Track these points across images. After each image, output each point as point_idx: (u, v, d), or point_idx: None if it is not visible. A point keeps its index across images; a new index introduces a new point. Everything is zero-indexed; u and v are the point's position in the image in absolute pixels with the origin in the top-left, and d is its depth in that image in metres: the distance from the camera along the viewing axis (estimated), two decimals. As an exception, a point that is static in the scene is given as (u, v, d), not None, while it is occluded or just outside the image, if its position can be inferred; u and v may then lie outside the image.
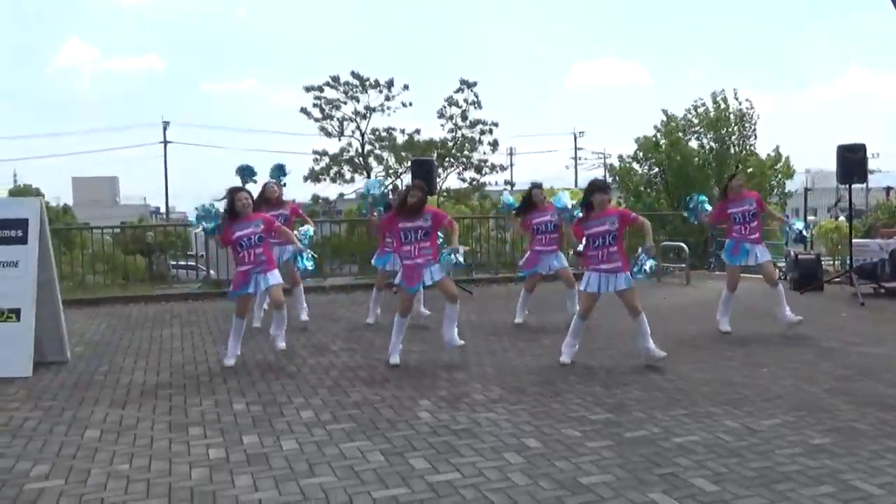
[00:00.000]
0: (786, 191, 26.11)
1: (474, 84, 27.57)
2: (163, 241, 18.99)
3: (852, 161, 11.41)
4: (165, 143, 49.67)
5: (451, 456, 4.45)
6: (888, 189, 29.70)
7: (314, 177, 28.57)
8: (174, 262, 19.16)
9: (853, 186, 12.14)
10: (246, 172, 10.66)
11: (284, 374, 6.66)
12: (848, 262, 11.87)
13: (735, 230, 8.27)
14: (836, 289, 11.46)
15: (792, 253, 12.64)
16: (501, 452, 4.50)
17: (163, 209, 55.59)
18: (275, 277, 7.11)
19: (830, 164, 11.68)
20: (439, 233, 7.27)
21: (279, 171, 10.16)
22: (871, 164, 44.74)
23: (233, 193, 7.09)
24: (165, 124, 49.78)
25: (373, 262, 9.69)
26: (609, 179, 28.86)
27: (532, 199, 8.91)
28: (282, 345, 7.17)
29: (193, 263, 20.30)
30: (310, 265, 7.59)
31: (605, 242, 6.69)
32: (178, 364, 7.19)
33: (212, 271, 14.99)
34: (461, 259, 6.91)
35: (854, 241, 11.90)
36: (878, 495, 3.79)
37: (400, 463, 4.35)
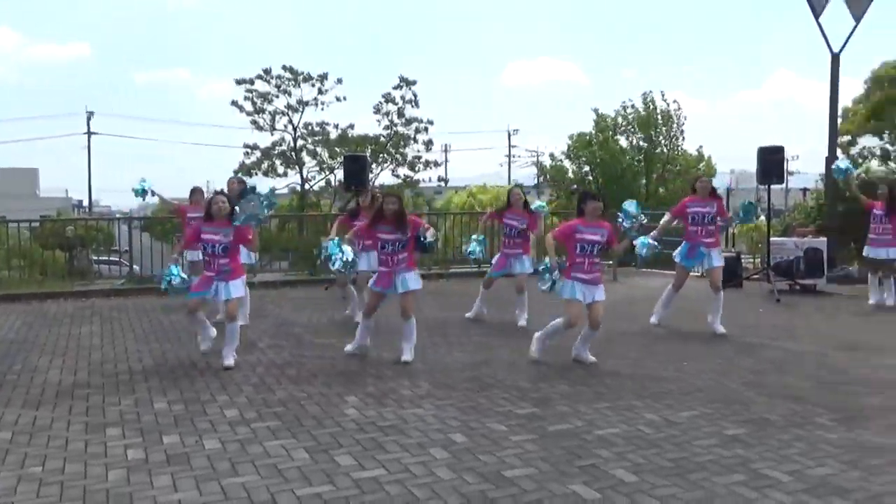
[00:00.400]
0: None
1: (413, 82, 27.53)
2: (84, 236, 18.36)
3: (771, 162, 11.84)
4: (89, 133, 48.09)
5: (377, 452, 4.45)
6: (804, 190, 30.92)
7: (245, 171, 28.04)
8: (96, 258, 18.57)
9: (773, 187, 12.61)
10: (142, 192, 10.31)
11: (209, 371, 6.53)
12: (766, 260, 12.31)
13: (691, 231, 8.31)
14: (755, 285, 11.87)
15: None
16: (427, 448, 4.52)
17: (86, 202, 53.82)
18: (237, 290, 6.87)
19: (754, 165, 12.09)
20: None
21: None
22: (792, 166, 46.57)
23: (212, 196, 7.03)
24: (90, 114, 48.19)
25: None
26: (541, 178, 29.23)
27: (509, 198, 8.92)
28: (229, 362, 6.64)
29: (117, 259, 19.74)
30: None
31: (592, 252, 6.60)
32: (96, 362, 6.96)
33: (136, 266, 14.59)
34: (430, 239, 6.92)
35: (772, 239, 12.35)
36: (785, 482, 3.96)
37: (325, 460, 4.32)
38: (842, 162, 11.25)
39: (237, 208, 6.80)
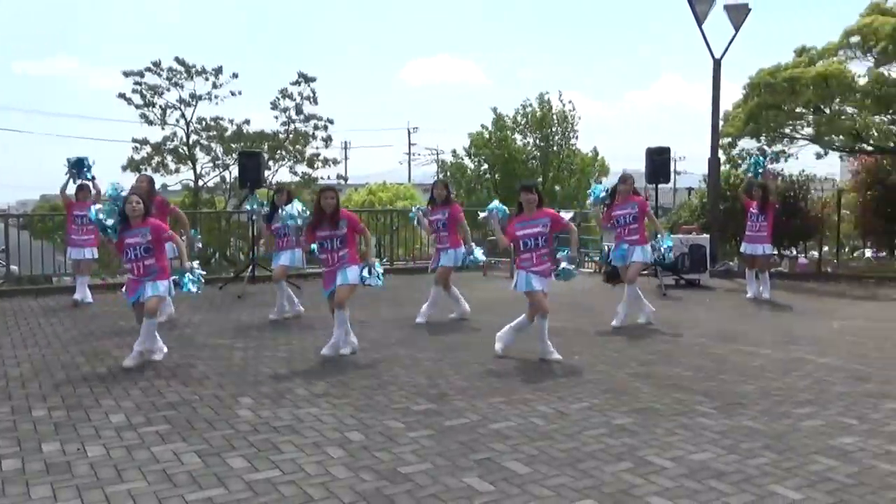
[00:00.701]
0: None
1: (313, 79, 27.08)
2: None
3: (658, 163, 12.37)
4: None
5: (272, 453, 4.38)
6: (690, 189, 32.38)
7: (134, 166, 26.91)
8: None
9: (661, 186, 13.16)
10: (79, 166, 10.11)
11: (94, 376, 6.25)
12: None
13: (617, 232, 8.77)
14: (644, 280, 12.32)
15: (606, 248, 13.48)
16: (323, 447, 4.48)
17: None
18: (161, 287, 6.59)
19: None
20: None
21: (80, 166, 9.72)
22: (680, 166, 48.54)
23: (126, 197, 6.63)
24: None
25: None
26: (442, 175, 29.42)
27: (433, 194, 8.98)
28: (158, 357, 6.70)
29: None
30: (194, 288, 6.84)
31: (536, 245, 6.64)
32: (-31, 369, 6.54)
33: (13, 267, 13.77)
34: (378, 275, 6.87)
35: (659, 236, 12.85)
36: (669, 468, 4.15)
37: (217, 463, 4.22)
38: (755, 159, 11.83)
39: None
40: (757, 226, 10.79)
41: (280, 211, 7.90)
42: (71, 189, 10.29)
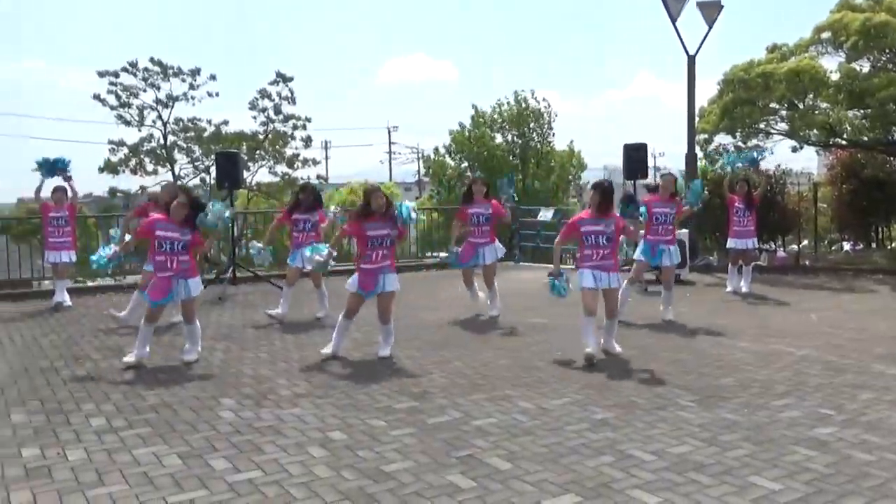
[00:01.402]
0: (581, 183, 28.06)
1: (291, 79, 26.95)
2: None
3: (636, 159, 12.45)
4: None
5: (254, 454, 4.37)
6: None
7: (111, 168, 26.65)
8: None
9: (638, 182, 13.22)
10: (52, 166, 10.07)
11: (73, 379, 6.20)
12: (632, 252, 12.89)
13: (653, 229, 8.82)
14: (624, 276, 12.41)
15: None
16: (305, 447, 4.48)
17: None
18: (196, 287, 6.61)
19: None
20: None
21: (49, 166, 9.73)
22: (659, 162, 48.82)
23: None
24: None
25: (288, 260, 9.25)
26: (422, 173, 29.38)
27: (471, 191, 8.97)
28: (192, 357, 6.70)
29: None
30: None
31: (598, 242, 6.70)
32: (-55, 375, 6.46)
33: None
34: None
35: (641, 232, 12.93)
36: (649, 461, 4.19)
37: (199, 465, 4.21)
38: (746, 154, 11.93)
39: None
40: (744, 221, 10.88)
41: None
42: (47, 192, 10.19)
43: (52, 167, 9.95)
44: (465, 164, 26.77)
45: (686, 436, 4.60)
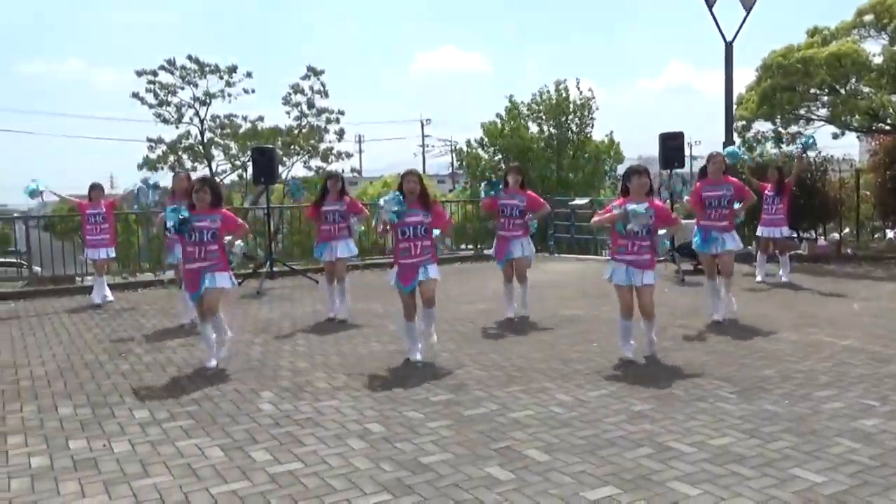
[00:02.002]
0: (618, 175, 27.71)
1: (321, 72, 27.13)
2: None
3: (672, 148, 12.30)
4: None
5: (294, 446, 4.43)
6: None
7: (151, 165, 27.10)
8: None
9: (675, 171, 13.06)
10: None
11: (117, 373, 6.33)
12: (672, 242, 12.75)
13: (706, 214, 8.10)
14: (661, 266, 12.29)
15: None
16: (344, 439, 4.52)
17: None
18: (223, 280, 6.35)
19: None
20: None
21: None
22: (695, 151, 48.19)
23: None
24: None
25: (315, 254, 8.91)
26: (457, 164, 29.28)
27: (505, 180, 8.43)
28: (213, 363, 6.40)
29: (13, 260, 18.77)
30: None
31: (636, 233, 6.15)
32: (-5, 369, 6.64)
33: (36, 268, 13.95)
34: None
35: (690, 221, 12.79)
36: (689, 453, 4.15)
37: (240, 457, 4.28)
38: (732, 148, 11.74)
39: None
40: (773, 208, 10.71)
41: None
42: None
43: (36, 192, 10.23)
44: (499, 156, 26.64)
45: (727, 427, 4.55)
